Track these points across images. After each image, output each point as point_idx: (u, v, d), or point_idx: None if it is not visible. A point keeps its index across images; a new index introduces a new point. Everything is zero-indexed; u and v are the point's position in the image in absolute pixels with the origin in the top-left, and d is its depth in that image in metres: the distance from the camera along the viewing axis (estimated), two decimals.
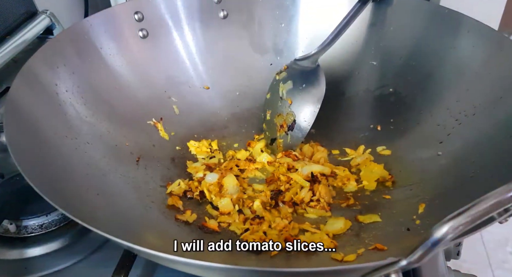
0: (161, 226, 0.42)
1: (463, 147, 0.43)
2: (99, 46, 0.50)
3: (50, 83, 0.44)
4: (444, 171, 0.43)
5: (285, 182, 0.48)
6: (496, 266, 1.08)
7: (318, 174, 0.48)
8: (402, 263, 0.25)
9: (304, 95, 0.52)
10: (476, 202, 0.24)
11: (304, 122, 0.51)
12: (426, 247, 0.24)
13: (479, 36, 0.47)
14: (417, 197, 0.43)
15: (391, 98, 0.53)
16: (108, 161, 0.44)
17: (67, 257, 0.43)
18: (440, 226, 0.24)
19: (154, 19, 0.54)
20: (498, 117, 0.42)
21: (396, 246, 0.37)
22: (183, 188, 0.47)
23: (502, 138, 0.40)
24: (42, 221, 0.46)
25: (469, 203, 0.24)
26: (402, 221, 0.41)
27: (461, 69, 0.48)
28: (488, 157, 0.40)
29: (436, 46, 0.50)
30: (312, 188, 0.47)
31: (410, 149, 0.48)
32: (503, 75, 0.43)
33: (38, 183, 0.32)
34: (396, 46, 0.54)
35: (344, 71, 0.56)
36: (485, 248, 1.11)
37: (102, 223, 0.33)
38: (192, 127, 0.54)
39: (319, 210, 0.45)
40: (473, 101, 0.45)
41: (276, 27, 0.59)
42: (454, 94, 0.47)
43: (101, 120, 0.47)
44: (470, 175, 0.40)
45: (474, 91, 0.45)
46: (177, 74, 0.56)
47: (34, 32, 0.63)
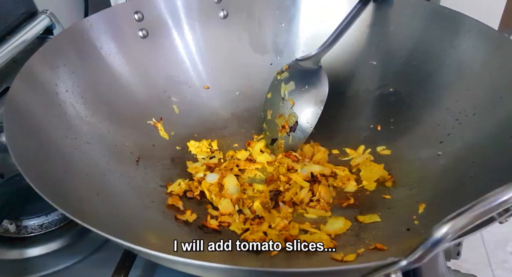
0: (161, 226, 0.42)
1: (463, 147, 0.43)
2: (99, 46, 0.50)
3: (50, 83, 0.44)
4: (444, 171, 0.43)
5: (285, 182, 0.48)
6: (496, 266, 1.08)
7: (318, 175, 0.48)
8: (402, 263, 0.25)
9: (307, 97, 0.52)
10: (476, 202, 0.24)
11: (306, 123, 0.51)
12: (426, 247, 0.24)
13: (479, 36, 0.47)
14: (417, 197, 0.43)
15: (391, 98, 0.53)
16: (108, 161, 0.44)
17: (67, 257, 0.43)
18: (440, 226, 0.24)
19: (154, 19, 0.54)
20: (498, 117, 0.42)
21: (396, 246, 0.37)
22: (183, 188, 0.47)
23: (502, 138, 0.40)
24: (42, 221, 0.46)
25: (469, 203, 0.24)
26: (402, 221, 0.41)
27: (461, 69, 0.48)
28: (488, 157, 0.40)
29: (436, 46, 0.50)
30: (312, 188, 0.47)
31: (410, 149, 0.48)
32: (503, 75, 0.43)
33: (38, 183, 0.32)
34: (396, 46, 0.54)
35: (344, 71, 0.56)
36: (485, 248, 1.11)
37: (102, 223, 0.33)
38: (192, 127, 0.54)
39: (319, 210, 0.45)
40: (473, 101, 0.45)
41: (276, 27, 0.59)
42: (454, 94, 0.47)
43: (101, 120, 0.47)
44: (470, 175, 0.40)
45: (474, 91, 0.45)
46: (177, 74, 0.56)
47: (34, 32, 0.63)
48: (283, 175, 0.49)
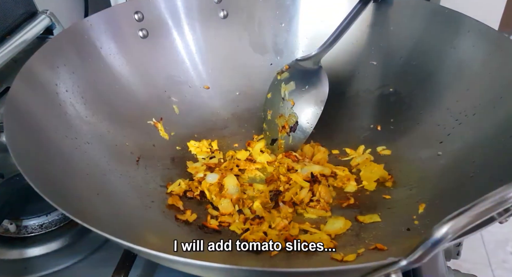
0: (161, 226, 0.42)
1: (463, 147, 0.43)
2: (99, 46, 0.50)
3: (50, 83, 0.44)
4: (444, 171, 0.43)
5: (285, 182, 0.48)
6: (496, 266, 1.08)
7: (318, 175, 0.48)
8: (402, 263, 0.25)
9: (307, 97, 0.52)
10: (476, 202, 0.24)
11: (306, 124, 0.51)
12: (426, 247, 0.24)
13: (479, 36, 0.47)
14: (417, 197, 0.43)
15: (391, 98, 0.53)
16: (108, 161, 0.44)
17: (67, 257, 0.43)
18: (440, 226, 0.24)
19: (154, 19, 0.54)
20: (498, 117, 0.42)
21: (396, 246, 0.37)
22: (183, 188, 0.47)
23: (502, 138, 0.40)
24: (42, 221, 0.46)
25: (469, 203, 0.24)
26: (402, 221, 0.41)
27: (461, 69, 0.48)
28: (488, 157, 0.40)
29: (436, 46, 0.50)
30: (312, 188, 0.47)
31: (410, 149, 0.48)
32: (503, 75, 0.43)
33: (38, 183, 0.32)
34: (396, 46, 0.54)
35: (344, 71, 0.56)
36: (485, 248, 1.11)
37: (102, 223, 0.33)
38: (192, 127, 0.54)
39: (319, 210, 0.45)
40: (473, 101, 0.45)
41: (276, 27, 0.59)
42: (454, 94, 0.47)
43: (101, 120, 0.47)
44: (470, 175, 0.40)
45: (474, 91, 0.45)
46: (177, 74, 0.56)
47: (34, 32, 0.63)
48: (283, 175, 0.49)
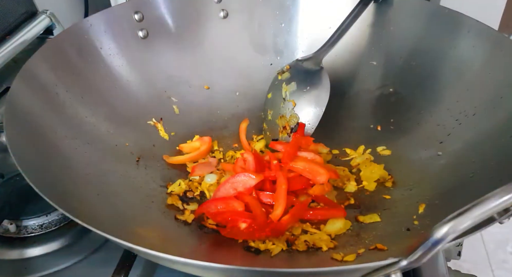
0: (161, 226, 0.42)
1: (463, 147, 0.43)
2: (99, 46, 0.50)
3: (50, 83, 0.44)
4: (444, 171, 0.43)
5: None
6: (496, 266, 1.08)
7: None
8: (402, 263, 0.25)
9: (308, 98, 0.52)
10: (476, 202, 0.24)
11: (308, 125, 0.51)
12: (426, 247, 0.24)
13: (479, 36, 0.47)
14: (417, 197, 0.43)
15: (391, 98, 0.53)
16: (108, 161, 0.44)
17: (67, 257, 0.43)
18: (440, 226, 0.24)
19: (154, 19, 0.54)
20: (498, 117, 0.42)
21: (396, 246, 0.37)
22: (184, 188, 0.47)
23: (502, 138, 0.40)
24: (42, 221, 0.46)
25: (469, 203, 0.24)
26: (402, 221, 0.41)
27: (461, 69, 0.48)
28: (488, 157, 0.40)
29: (436, 46, 0.50)
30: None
31: (410, 149, 0.48)
32: (503, 75, 0.43)
33: (38, 183, 0.32)
34: (397, 46, 0.54)
35: (345, 71, 0.56)
36: (485, 248, 1.11)
37: (102, 223, 0.33)
38: (192, 127, 0.54)
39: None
40: (473, 101, 0.45)
41: (276, 27, 0.59)
42: (454, 94, 0.47)
43: (101, 120, 0.47)
44: (470, 175, 0.40)
45: (474, 91, 0.45)
46: (177, 74, 0.56)
47: (34, 32, 0.63)
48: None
